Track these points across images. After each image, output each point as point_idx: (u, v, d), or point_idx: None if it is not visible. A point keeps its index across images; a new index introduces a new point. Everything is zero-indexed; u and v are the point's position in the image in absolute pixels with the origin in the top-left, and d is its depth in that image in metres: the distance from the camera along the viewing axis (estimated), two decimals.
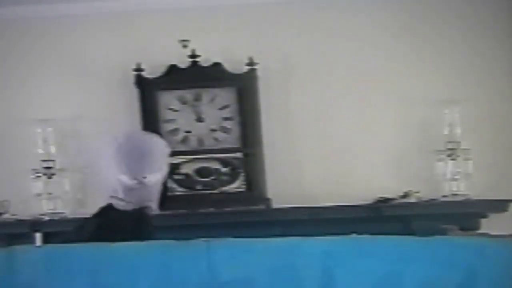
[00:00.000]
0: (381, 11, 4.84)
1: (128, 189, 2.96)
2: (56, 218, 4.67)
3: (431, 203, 4.64)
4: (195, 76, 4.78)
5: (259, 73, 4.74)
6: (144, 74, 4.77)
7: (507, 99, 4.80)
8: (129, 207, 3.00)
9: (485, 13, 4.83)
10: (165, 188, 4.66)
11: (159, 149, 3.10)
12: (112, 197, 3.00)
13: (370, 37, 4.83)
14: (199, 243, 2.11)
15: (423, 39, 4.82)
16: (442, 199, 4.66)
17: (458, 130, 4.66)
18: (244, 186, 4.77)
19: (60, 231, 4.48)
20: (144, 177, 2.96)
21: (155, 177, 3.01)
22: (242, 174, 4.77)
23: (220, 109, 4.82)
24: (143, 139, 3.19)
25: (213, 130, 4.81)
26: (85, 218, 3.12)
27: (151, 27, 4.87)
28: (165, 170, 3.11)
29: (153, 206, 3.10)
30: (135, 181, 2.95)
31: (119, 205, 3.00)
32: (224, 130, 4.81)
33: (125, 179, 2.94)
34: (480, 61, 4.81)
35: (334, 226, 4.10)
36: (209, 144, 4.81)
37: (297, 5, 4.85)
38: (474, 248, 2.11)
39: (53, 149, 4.76)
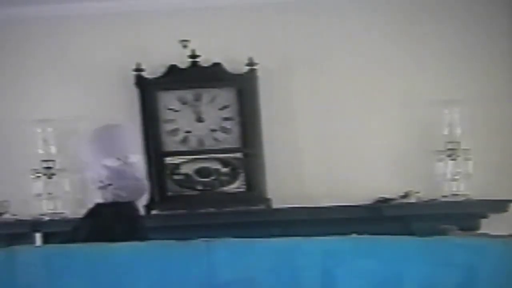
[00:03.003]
0: (381, 11, 4.84)
1: (115, 172, 3.00)
2: (56, 218, 4.67)
3: (431, 203, 4.64)
4: (195, 76, 4.78)
5: (259, 73, 4.74)
6: (144, 74, 4.77)
7: (506, 99, 4.81)
8: (121, 193, 3.01)
9: (484, 14, 4.83)
10: (165, 188, 4.73)
11: (130, 131, 3.19)
12: (100, 187, 3.04)
13: (370, 37, 4.83)
14: (199, 243, 2.11)
15: (423, 39, 4.82)
16: (442, 199, 4.66)
17: (458, 130, 4.66)
18: (244, 186, 4.77)
19: (60, 231, 4.50)
20: (127, 157, 3.01)
21: (136, 157, 3.05)
22: (242, 174, 4.77)
23: (220, 109, 4.82)
24: (113, 126, 3.29)
25: (213, 130, 4.81)
26: (78, 221, 3.16)
27: (151, 27, 4.87)
28: (140, 151, 3.15)
29: (141, 196, 3.12)
30: (120, 162, 3.00)
31: (110, 193, 3.02)
32: (224, 130, 4.81)
33: (110, 162, 2.99)
34: (480, 61, 4.81)
35: (334, 226, 4.11)
36: (209, 144, 4.81)
37: (297, 5, 4.85)
38: (474, 248, 2.11)
39: (53, 149, 4.76)
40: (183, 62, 4.76)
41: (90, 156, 3.07)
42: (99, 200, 3.08)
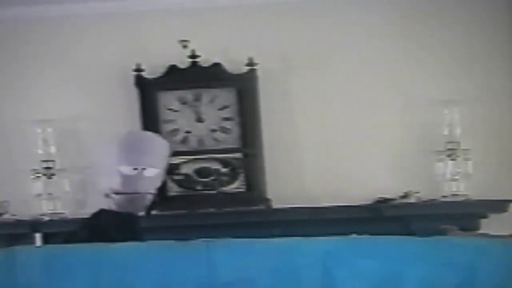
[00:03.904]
0: (381, 11, 4.85)
1: (126, 180, 3.01)
2: (56, 218, 4.67)
3: (431, 204, 4.64)
4: (195, 77, 4.78)
5: (259, 73, 4.74)
6: (144, 74, 4.77)
7: (506, 99, 4.81)
8: (122, 204, 3.02)
9: (484, 14, 4.83)
10: (165, 188, 4.73)
11: (161, 147, 3.18)
12: (106, 195, 3.05)
13: (370, 37, 4.83)
14: (199, 244, 2.11)
15: (423, 39, 4.82)
16: (442, 200, 4.66)
17: (458, 130, 4.67)
18: (244, 187, 4.77)
19: (60, 231, 4.50)
20: (144, 169, 3.02)
21: (154, 171, 3.06)
22: (242, 174, 4.77)
23: (220, 109, 4.82)
24: (147, 136, 3.30)
25: (213, 131, 4.81)
26: (80, 223, 3.17)
27: (151, 27, 4.87)
28: (163, 169, 3.15)
29: (142, 210, 3.14)
30: (134, 172, 3.01)
31: (114, 200, 3.03)
32: (224, 130, 4.81)
33: (125, 169, 3.00)
34: (480, 61, 4.81)
35: (334, 226, 4.10)
36: (209, 144, 4.81)
37: (297, 5, 4.85)
38: (474, 248, 2.11)
39: (53, 149, 4.76)
40: (183, 62, 4.76)
41: (111, 160, 3.07)
42: (104, 206, 3.09)
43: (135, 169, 3.03)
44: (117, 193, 3.04)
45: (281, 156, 4.82)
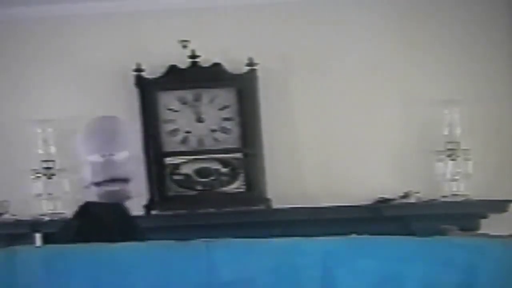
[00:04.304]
0: (381, 11, 4.85)
1: (95, 168, 2.98)
2: (56, 218, 4.67)
3: (431, 204, 4.64)
4: (195, 77, 4.78)
5: (259, 73, 4.74)
6: (144, 74, 4.77)
7: (506, 100, 4.81)
8: (103, 196, 3.00)
9: (484, 14, 4.83)
10: (165, 188, 4.73)
11: (125, 127, 3.15)
12: (85, 187, 3.03)
13: (370, 37, 4.83)
14: (199, 244, 2.11)
15: (423, 39, 4.82)
16: (442, 200, 4.66)
17: (458, 130, 4.67)
18: (244, 187, 4.77)
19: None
20: (112, 155, 2.98)
21: (124, 155, 3.01)
22: (242, 174, 4.77)
23: (220, 109, 4.82)
24: (108, 120, 3.23)
25: (213, 131, 4.81)
26: (68, 219, 3.15)
27: (151, 27, 4.87)
28: (134, 148, 3.12)
29: (133, 191, 3.09)
30: (102, 159, 2.97)
31: (93, 192, 3.01)
32: (224, 130, 4.81)
33: (94, 158, 2.97)
34: (480, 61, 4.81)
35: (334, 226, 4.11)
36: (209, 144, 4.81)
37: (297, 5, 4.85)
38: (474, 248, 2.11)
39: (53, 149, 4.76)
40: (183, 62, 4.76)
41: (82, 152, 3.05)
42: (88, 199, 3.07)
43: (103, 156, 2.99)
44: (95, 184, 3.00)
45: (281, 156, 4.82)
